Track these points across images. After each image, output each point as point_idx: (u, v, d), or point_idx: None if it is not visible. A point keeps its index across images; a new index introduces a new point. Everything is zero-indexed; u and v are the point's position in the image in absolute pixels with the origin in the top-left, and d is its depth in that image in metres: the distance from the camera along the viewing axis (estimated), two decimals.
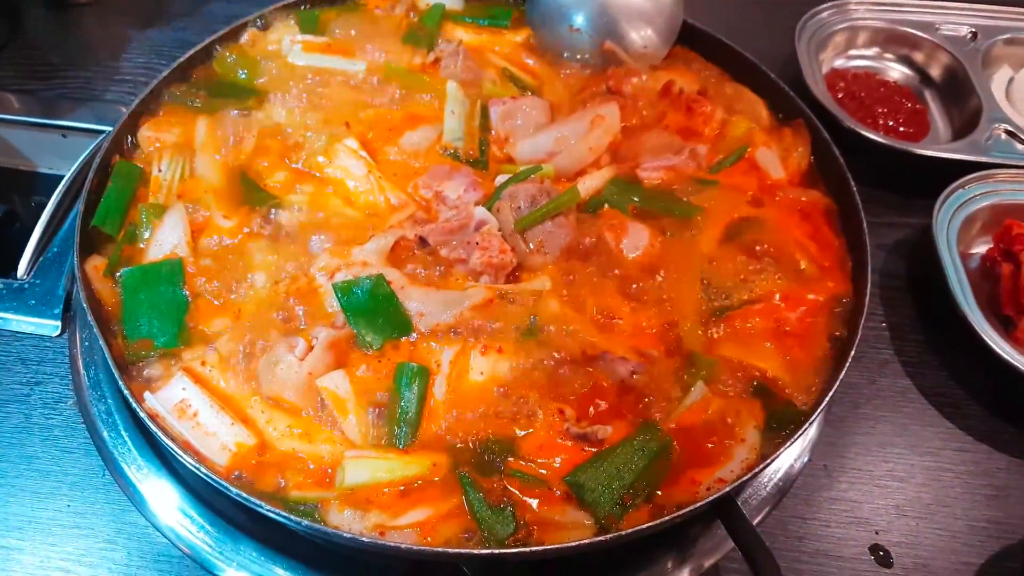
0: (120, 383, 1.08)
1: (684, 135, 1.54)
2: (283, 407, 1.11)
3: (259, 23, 1.69)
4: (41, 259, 1.50)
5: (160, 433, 1.03)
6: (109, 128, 1.69)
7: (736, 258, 1.33)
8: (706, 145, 1.50)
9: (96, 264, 1.26)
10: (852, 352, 1.17)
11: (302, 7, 1.72)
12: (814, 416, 1.11)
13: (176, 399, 1.09)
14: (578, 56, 1.69)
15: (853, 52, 2.03)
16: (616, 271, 1.30)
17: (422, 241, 1.33)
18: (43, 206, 1.58)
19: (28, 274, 1.47)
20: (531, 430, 1.10)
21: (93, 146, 1.58)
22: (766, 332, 1.23)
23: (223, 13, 2.04)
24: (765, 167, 1.50)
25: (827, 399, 1.12)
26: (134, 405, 1.06)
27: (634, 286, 1.28)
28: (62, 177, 1.62)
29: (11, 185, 1.81)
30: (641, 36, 1.69)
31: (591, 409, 1.12)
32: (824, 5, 1.97)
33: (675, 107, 1.58)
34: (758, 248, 1.34)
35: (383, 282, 1.24)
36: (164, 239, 1.30)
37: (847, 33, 1.99)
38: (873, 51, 2.04)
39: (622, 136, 1.52)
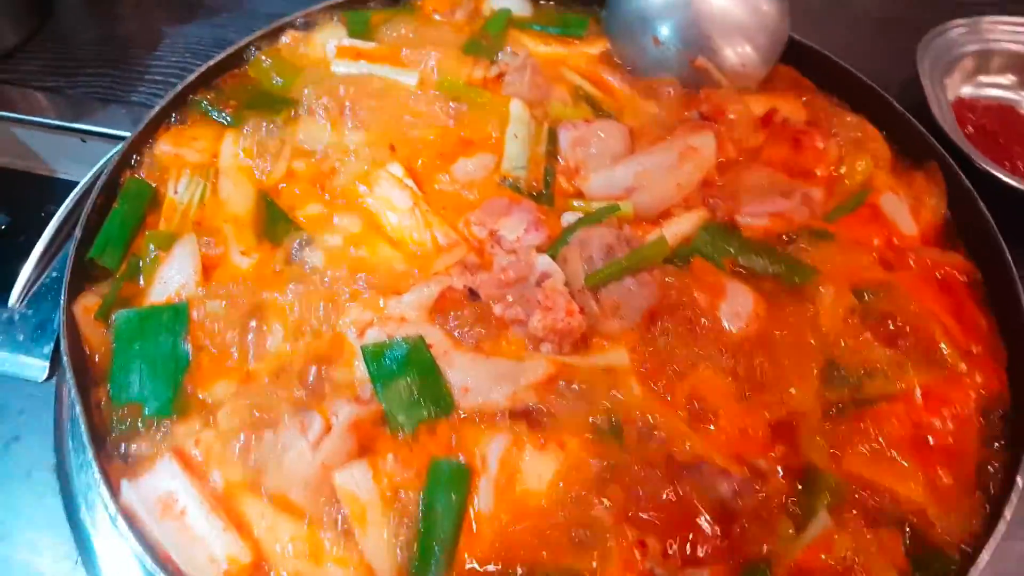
0: (95, 465, 0.88)
1: (790, 173, 1.29)
2: (289, 510, 0.89)
3: (302, 23, 1.48)
4: (40, 284, 1.31)
5: (135, 539, 0.82)
6: (130, 134, 1.51)
7: (862, 339, 1.06)
8: (820, 188, 1.24)
9: (88, 304, 1.07)
10: (1018, 479, 0.91)
11: (351, 7, 1.51)
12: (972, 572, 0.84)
13: (161, 490, 0.88)
14: (663, 73, 1.43)
15: (984, 79, 1.72)
16: (712, 346, 1.05)
17: (472, 294, 1.11)
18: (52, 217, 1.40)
19: (21, 302, 1.28)
20: (601, 564, 0.85)
21: (107, 157, 1.39)
22: (903, 441, 0.97)
23: (266, 11, 1.83)
24: (892, 218, 1.24)
25: (990, 548, 0.85)
26: (106, 499, 0.85)
27: (735, 368, 1.03)
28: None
29: (22, 190, 1.62)
30: (738, 52, 1.43)
31: (678, 543, 0.87)
32: (953, 22, 1.68)
33: (779, 139, 1.33)
34: (889, 326, 1.08)
35: (422, 347, 1.01)
36: (170, 277, 1.11)
37: (978, 58, 1.69)
38: (1008, 79, 1.73)
39: (716, 172, 1.27)
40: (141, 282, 1.12)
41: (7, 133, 1.63)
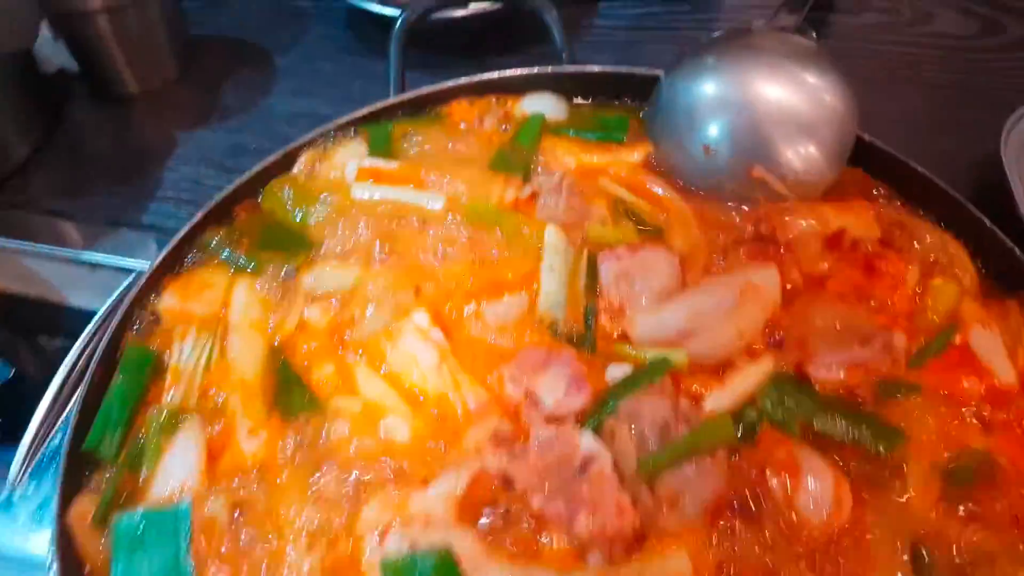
0: None
1: (863, 304, 1.13)
2: None
3: (319, 139, 1.37)
4: (42, 451, 1.21)
5: None
6: (141, 264, 1.43)
7: (957, 526, 0.91)
8: (904, 333, 1.08)
9: (83, 511, 0.96)
10: None
11: (371, 120, 1.40)
12: None
13: None
14: (715, 183, 1.28)
15: None
16: (789, 546, 0.90)
17: (506, 482, 0.97)
18: (65, 352, 1.30)
19: (21, 477, 1.18)
20: None
21: (108, 303, 1.29)
22: None
23: (283, 110, 1.74)
24: (985, 360, 1.07)
25: None
26: None
27: (817, 572, 0.88)
28: (92, 314, 1.34)
29: (30, 321, 1.53)
30: (800, 155, 1.25)
31: None
32: None
33: (849, 263, 1.18)
34: (991, 506, 0.93)
35: (450, 563, 0.88)
36: (172, 469, 1.00)
37: None
38: None
39: (780, 306, 1.12)
40: (143, 471, 1.01)
41: (14, 259, 1.56)
